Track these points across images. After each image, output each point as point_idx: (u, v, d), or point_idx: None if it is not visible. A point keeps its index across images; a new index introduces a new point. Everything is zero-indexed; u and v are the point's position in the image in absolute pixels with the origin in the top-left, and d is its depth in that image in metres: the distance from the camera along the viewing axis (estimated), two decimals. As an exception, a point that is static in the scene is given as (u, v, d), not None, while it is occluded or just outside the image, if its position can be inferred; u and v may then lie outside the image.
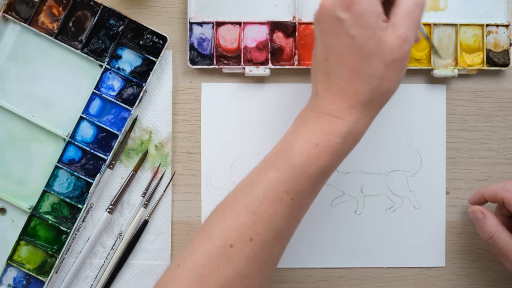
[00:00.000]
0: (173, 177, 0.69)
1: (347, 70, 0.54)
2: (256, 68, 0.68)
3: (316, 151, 0.54)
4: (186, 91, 0.70)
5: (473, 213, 0.64)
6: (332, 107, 0.55)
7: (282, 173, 0.54)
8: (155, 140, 0.69)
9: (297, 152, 0.55)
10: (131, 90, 0.68)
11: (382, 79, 0.54)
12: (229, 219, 0.55)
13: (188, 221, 0.69)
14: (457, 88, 0.70)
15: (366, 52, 0.54)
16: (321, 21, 0.56)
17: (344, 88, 0.55)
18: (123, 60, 0.68)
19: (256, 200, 0.54)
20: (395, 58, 0.54)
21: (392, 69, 0.54)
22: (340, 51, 0.54)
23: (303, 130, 0.56)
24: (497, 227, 0.62)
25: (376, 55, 0.54)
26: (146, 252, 0.69)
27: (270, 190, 0.54)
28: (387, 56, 0.54)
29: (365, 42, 0.54)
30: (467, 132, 0.70)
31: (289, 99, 0.69)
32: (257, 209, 0.54)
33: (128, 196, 0.69)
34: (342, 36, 0.54)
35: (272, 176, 0.55)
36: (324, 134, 0.55)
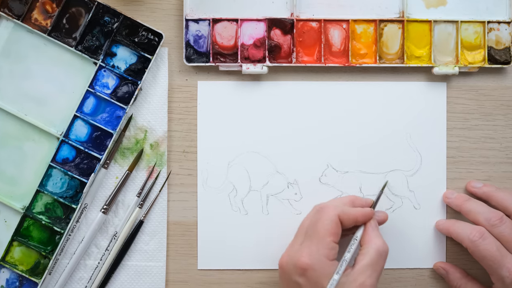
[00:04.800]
0: (168, 177, 0.69)
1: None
2: (253, 66, 0.68)
3: None
4: (182, 89, 0.69)
5: (436, 270, 0.68)
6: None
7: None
8: (151, 139, 0.69)
9: None
10: (126, 88, 0.68)
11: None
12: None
13: (184, 221, 0.69)
14: (458, 86, 0.70)
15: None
16: (282, 278, 0.61)
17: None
18: (118, 57, 0.68)
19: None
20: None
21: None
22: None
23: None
24: (461, 280, 0.66)
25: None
26: (141, 253, 0.68)
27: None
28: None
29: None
30: (468, 131, 0.70)
31: (287, 97, 0.69)
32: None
33: (123, 196, 0.69)
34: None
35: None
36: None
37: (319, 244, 0.60)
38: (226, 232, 0.69)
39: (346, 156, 0.69)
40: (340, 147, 0.69)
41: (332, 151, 0.69)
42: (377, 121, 0.69)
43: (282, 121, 0.69)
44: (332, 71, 0.70)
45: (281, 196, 0.69)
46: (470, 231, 0.63)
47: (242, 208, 0.69)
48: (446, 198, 0.68)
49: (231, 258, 0.69)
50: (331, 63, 0.69)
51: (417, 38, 0.69)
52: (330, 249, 0.60)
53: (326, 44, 0.69)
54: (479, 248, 0.63)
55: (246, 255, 0.68)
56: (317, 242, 0.60)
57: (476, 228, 0.63)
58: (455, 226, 0.65)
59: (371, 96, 0.69)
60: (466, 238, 0.63)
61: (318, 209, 0.62)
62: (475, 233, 0.63)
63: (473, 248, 0.63)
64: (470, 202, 0.66)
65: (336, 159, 0.69)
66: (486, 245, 0.62)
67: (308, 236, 0.61)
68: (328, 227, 0.60)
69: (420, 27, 0.69)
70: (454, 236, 0.65)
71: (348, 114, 0.69)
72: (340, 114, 0.69)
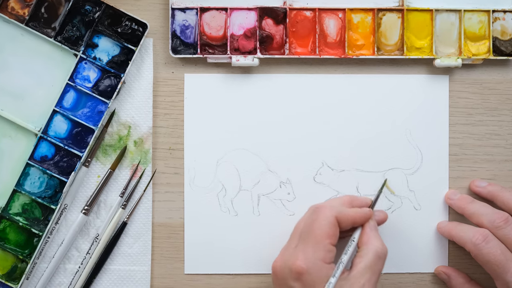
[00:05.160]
0: (153, 176, 0.69)
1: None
2: (244, 58, 0.67)
3: None
4: (168, 82, 0.69)
5: (438, 274, 0.68)
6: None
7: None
8: (134, 136, 0.68)
9: None
10: (109, 82, 0.67)
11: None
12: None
13: (170, 223, 0.69)
14: (461, 79, 0.70)
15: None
16: (276, 284, 0.61)
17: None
18: (100, 49, 0.67)
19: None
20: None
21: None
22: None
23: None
24: (464, 285, 0.67)
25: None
26: (125, 257, 0.68)
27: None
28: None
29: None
30: (471, 127, 0.70)
31: (279, 91, 0.69)
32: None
33: (105, 196, 0.68)
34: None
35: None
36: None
37: (315, 247, 0.59)
38: (215, 235, 0.68)
39: (342, 154, 0.69)
40: (335, 144, 0.69)
41: (327, 149, 0.69)
42: (375, 116, 0.69)
43: (274, 117, 0.69)
44: (327, 63, 0.69)
45: (273, 196, 0.69)
46: (473, 234, 0.63)
47: (231, 208, 0.69)
48: (448, 199, 0.68)
49: (220, 262, 0.68)
50: (326, 54, 0.68)
51: (417, 28, 0.68)
52: (327, 251, 0.60)
53: (321, 34, 0.68)
54: (482, 251, 0.63)
55: (236, 259, 0.68)
56: (313, 245, 0.59)
57: (479, 231, 0.63)
58: (457, 229, 0.66)
59: (368, 90, 0.69)
60: (468, 241, 0.63)
61: (314, 209, 0.62)
62: (478, 236, 0.63)
63: (476, 251, 0.63)
64: (474, 203, 0.66)
65: (331, 157, 0.69)
66: (489, 249, 0.62)
67: (303, 238, 0.61)
68: (324, 229, 0.60)
69: (421, 16, 0.68)
70: (456, 239, 0.66)
71: (344, 109, 0.69)
72: (336, 109, 0.69)
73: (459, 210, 0.67)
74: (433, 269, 0.69)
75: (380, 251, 0.60)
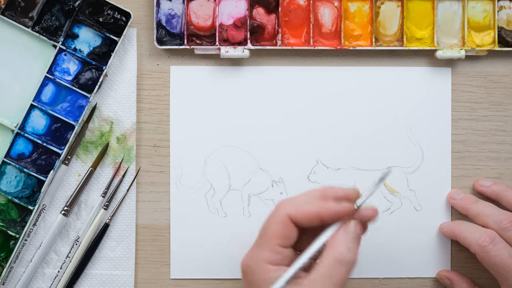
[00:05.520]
0: (137, 174, 0.68)
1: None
2: (233, 49, 0.67)
3: None
4: (153, 75, 0.68)
5: (440, 279, 0.68)
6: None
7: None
8: (117, 132, 0.68)
9: None
10: (90, 74, 0.67)
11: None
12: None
13: (155, 224, 0.68)
14: (465, 72, 0.69)
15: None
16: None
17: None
18: (80, 39, 0.67)
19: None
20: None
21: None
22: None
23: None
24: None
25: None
26: (107, 261, 0.68)
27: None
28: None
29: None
30: (475, 123, 0.69)
31: (271, 85, 0.68)
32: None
33: (86, 196, 0.68)
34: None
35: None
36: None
37: (261, 246, 0.58)
38: (203, 237, 0.68)
39: (338, 151, 0.68)
40: (331, 141, 0.68)
41: (322, 146, 0.68)
42: (373, 111, 0.68)
43: (265, 112, 0.68)
44: (322, 55, 0.69)
45: (265, 196, 0.68)
46: (480, 235, 0.63)
47: (220, 209, 0.68)
48: (451, 198, 0.68)
49: (208, 266, 0.68)
50: (321, 46, 0.68)
51: (418, 18, 0.68)
52: (273, 253, 0.57)
53: (316, 24, 0.68)
54: (489, 254, 0.62)
55: (225, 263, 0.68)
56: (260, 244, 0.58)
57: (487, 232, 0.63)
58: (461, 228, 0.65)
59: (366, 83, 0.68)
60: (474, 242, 0.63)
61: (276, 206, 0.60)
62: (485, 237, 0.62)
63: (483, 254, 0.62)
64: (478, 203, 0.66)
65: (326, 154, 0.68)
66: (497, 251, 0.61)
67: (259, 236, 0.59)
68: (274, 228, 0.58)
69: (422, 5, 0.68)
70: (460, 239, 0.65)
71: (340, 104, 0.68)
72: (331, 104, 0.68)
73: (462, 211, 0.67)
74: (435, 274, 0.69)
75: (340, 258, 0.55)
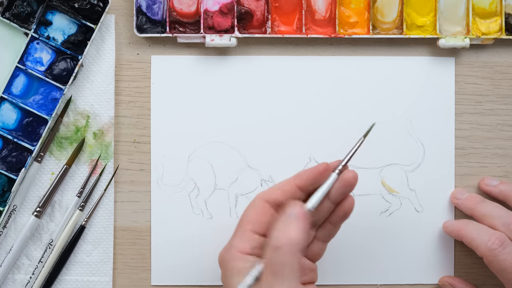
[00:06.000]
0: (116, 173, 0.67)
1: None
2: (219, 37, 0.66)
3: None
4: (132, 65, 0.67)
5: (442, 286, 0.67)
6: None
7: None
8: (94, 127, 0.67)
9: None
10: (64, 65, 0.66)
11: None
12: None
13: (135, 227, 0.67)
14: (469, 62, 0.68)
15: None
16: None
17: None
18: (54, 27, 0.66)
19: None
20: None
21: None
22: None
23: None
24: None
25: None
26: (83, 266, 0.67)
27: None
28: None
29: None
30: (481, 117, 0.68)
31: (260, 76, 0.67)
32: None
33: (60, 196, 0.67)
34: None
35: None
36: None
37: (236, 234, 0.58)
38: (186, 240, 0.67)
39: (332, 148, 0.67)
40: (325, 136, 0.67)
41: (316, 142, 0.67)
42: (370, 105, 0.67)
43: (254, 105, 0.67)
44: (315, 44, 0.68)
45: (253, 196, 0.63)
46: (489, 237, 0.61)
47: (205, 210, 0.67)
48: (455, 198, 0.66)
49: (192, 271, 0.67)
50: (314, 33, 0.66)
51: (419, 3, 0.67)
52: (245, 240, 0.57)
53: (308, 10, 0.67)
54: (498, 258, 0.60)
55: (211, 268, 0.67)
56: (235, 232, 0.58)
57: (496, 234, 0.61)
58: (468, 229, 0.63)
59: (363, 74, 0.67)
60: (482, 245, 0.61)
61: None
62: (494, 239, 0.61)
63: (491, 257, 0.61)
64: (485, 204, 0.64)
65: (320, 151, 0.67)
66: (506, 255, 0.60)
67: (237, 226, 0.59)
68: (248, 214, 0.58)
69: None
70: (466, 241, 0.63)
71: (335, 97, 0.67)
72: (325, 97, 0.67)
73: (467, 211, 0.66)
74: (437, 280, 0.68)
75: (273, 243, 0.52)
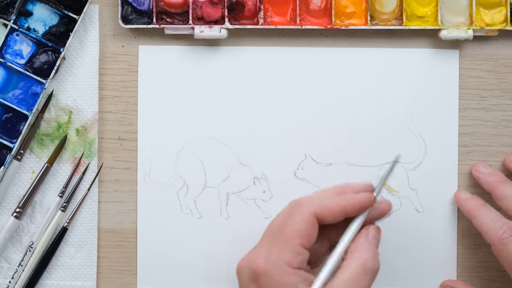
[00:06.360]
0: (100, 171, 0.66)
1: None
2: (209, 29, 0.65)
3: None
4: (118, 58, 0.67)
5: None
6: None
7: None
8: (77, 123, 0.67)
9: None
10: (45, 57, 0.66)
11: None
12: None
13: (120, 228, 0.67)
14: (472, 55, 0.67)
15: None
16: (239, 281, 0.59)
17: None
18: (35, 17, 0.66)
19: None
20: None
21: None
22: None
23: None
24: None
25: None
26: (65, 270, 0.66)
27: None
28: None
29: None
30: (485, 112, 0.67)
31: (252, 68, 0.66)
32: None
33: (41, 196, 0.66)
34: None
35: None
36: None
37: (281, 246, 0.56)
38: (174, 242, 0.66)
39: (329, 145, 0.66)
40: (321, 132, 0.66)
41: (312, 138, 0.66)
42: (369, 100, 0.66)
43: (246, 99, 0.66)
44: (310, 35, 0.67)
45: (246, 194, 0.67)
46: (501, 225, 0.60)
47: (194, 210, 0.66)
48: (476, 171, 0.65)
49: (180, 275, 0.66)
50: (309, 24, 0.65)
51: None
52: (295, 254, 0.56)
53: (303, 0, 0.66)
54: (508, 247, 0.60)
55: (200, 271, 0.66)
56: (279, 244, 0.56)
57: (508, 224, 0.61)
58: (481, 212, 0.63)
59: (360, 68, 0.66)
60: (493, 232, 0.61)
61: (293, 205, 0.59)
62: (506, 229, 0.60)
63: (500, 246, 0.60)
64: (508, 184, 0.63)
65: (316, 148, 0.66)
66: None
67: (273, 236, 0.58)
68: (296, 226, 0.57)
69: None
70: (477, 223, 0.63)
71: (331, 91, 0.66)
72: (321, 91, 0.66)
73: (487, 187, 0.65)
74: (439, 284, 0.67)
75: (367, 265, 0.56)
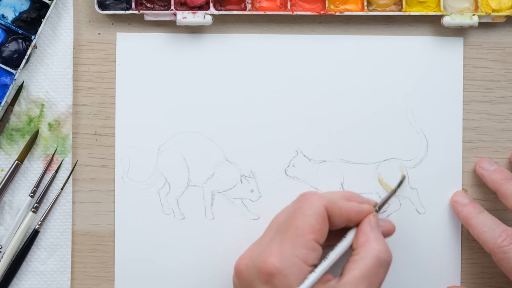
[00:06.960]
0: (74, 169, 0.65)
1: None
2: (192, 15, 0.63)
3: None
4: (94, 46, 0.65)
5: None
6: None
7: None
8: (49, 117, 0.65)
9: None
10: (15, 46, 0.64)
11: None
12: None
13: (96, 231, 0.65)
14: (478, 43, 0.65)
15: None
16: (239, 281, 0.58)
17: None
18: (4, 3, 0.64)
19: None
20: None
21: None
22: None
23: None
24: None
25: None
26: (36, 276, 0.64)
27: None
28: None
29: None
30: (491, 105, 0.65)
31: (239, 57, 0.65)
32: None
33: (11, 196, 0.65)
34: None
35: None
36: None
37: (295, 242, 0.55)
38: (155, 245, 0.64)
39: (322, 140, 0.65)
40: (314, 127, 0.65)
41: (303, 133, 0.65)
42: (366, 91, 0.64)
43: (233, 91, 0.65)
44: (302, 22, 0.65)
45: (232, 194, 0.65)
46: (500, 233, 0.60)
47: (177, 210, 0.64)
48: (480, 168, 0.64)
49: (161, 281, 0.64)
50: (301, 10, 0.64)
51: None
52: (310, 250, 0.55)
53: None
54: (508, 255, 0.59)
55: (182, 276, 0.64)
56: (292, 239, 0.55)
57: (508, 231, 0.60)
58: (479, 220, 0.62)
59: (357, 56, 0.65)
60: (492, 240, 0.60)
61: (300, 197, 0.58)
62: (505, 236, 0.59)
63: (500, 255, 0.59)
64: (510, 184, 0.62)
65: (308, 143, 0.65)
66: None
67: (282, 231, 0.56)
68: (309, 220, 0.55)
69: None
70: (474, 233, 0.62)
71: (325, 82, 0.64)
72: (314, 82, 0.65)
73: (492, 185, 0.64)
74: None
75: (382, 257, 0.56)
